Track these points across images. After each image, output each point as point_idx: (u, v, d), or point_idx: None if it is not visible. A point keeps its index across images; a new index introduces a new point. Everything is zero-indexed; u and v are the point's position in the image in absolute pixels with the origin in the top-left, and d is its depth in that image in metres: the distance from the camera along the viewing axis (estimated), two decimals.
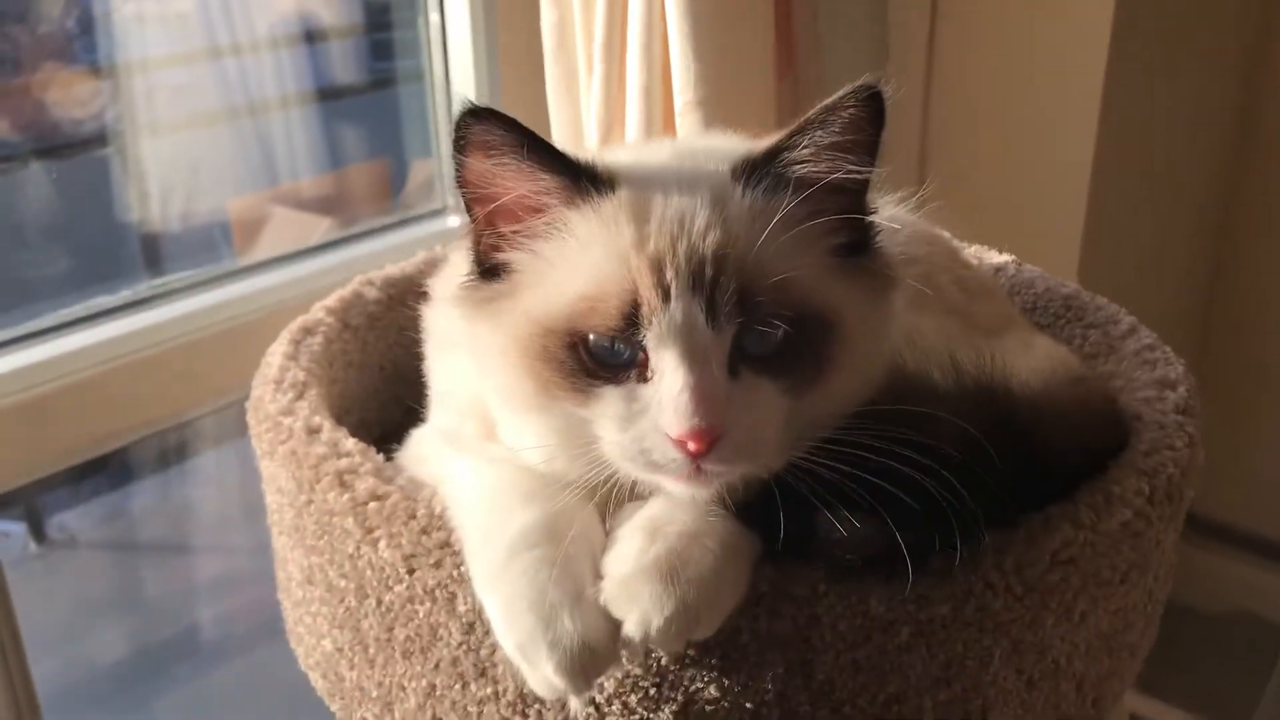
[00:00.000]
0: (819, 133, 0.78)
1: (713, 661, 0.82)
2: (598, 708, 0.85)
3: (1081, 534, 0.85)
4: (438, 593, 0.87)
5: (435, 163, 1.89)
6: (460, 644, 0.87)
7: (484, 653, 0.87)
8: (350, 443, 0.97)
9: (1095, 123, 1.76)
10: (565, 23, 1.58)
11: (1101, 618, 0.90)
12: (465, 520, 0.85)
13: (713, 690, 0.83)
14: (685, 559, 0.77)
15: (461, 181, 0.79)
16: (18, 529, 2.84)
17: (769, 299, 0.77)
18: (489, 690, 0.88)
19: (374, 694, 0.95)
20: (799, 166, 0.80)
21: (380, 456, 0.96)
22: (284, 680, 1.04)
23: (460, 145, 0.77)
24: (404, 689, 0.92)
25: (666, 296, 0.76)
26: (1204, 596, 2.33)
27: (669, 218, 0.78)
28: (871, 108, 0.77)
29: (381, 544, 0.88)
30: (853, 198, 0.82)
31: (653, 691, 0.83)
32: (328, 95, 2.22)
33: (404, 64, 1.96)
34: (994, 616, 0.83)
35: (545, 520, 0.81)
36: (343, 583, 0.93)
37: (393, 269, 1.29)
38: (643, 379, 0.78)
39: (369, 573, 0.90)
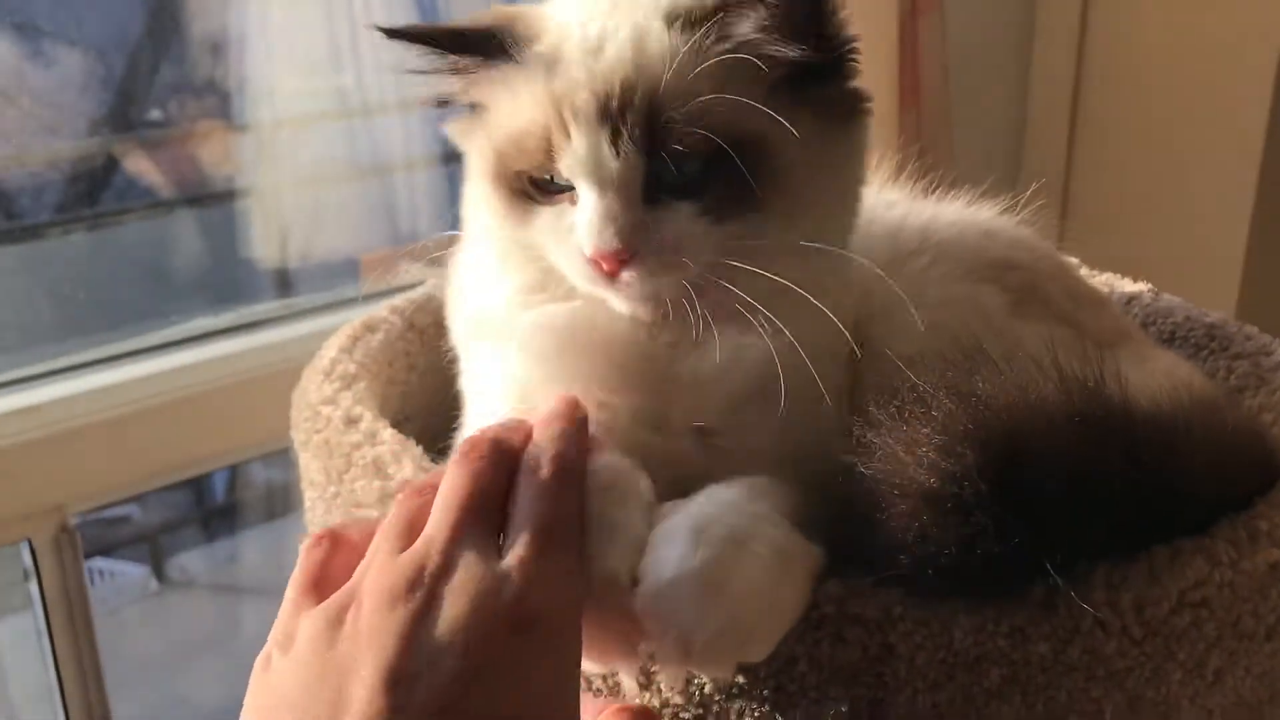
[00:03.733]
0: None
1: (764, 693, 0.70)
2: None
3: (1218, 572, 0.71)
4: None
5: None
6: None
7: None
8: (389, 433, 0.89)
9: (1261, 141, 1.61)
10: None
11: (1243, 680, 0.75)
12: None
13: None
14: (734, 568, 0.66)
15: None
16: (140, 569, 2.90)
17: (681, 128, 0.76)
18: None
19: None
20: (741, 35, 0.77)
21: (419, 450, 0.88)
22: None
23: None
24: None
25: (566, 132, 0.77)
26: None
27: (577, 58, 0.79)
28: None
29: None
30: (808, 31, 0.78)
31: None
32: (453, 159, 2.21)
33: None
34: (1105, 663, 0.70)
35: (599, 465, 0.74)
36: None
37: None
38: (573, 202, 0.79)
39: None
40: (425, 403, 1.14)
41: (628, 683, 0.72)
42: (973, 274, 0.92)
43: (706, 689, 0.71)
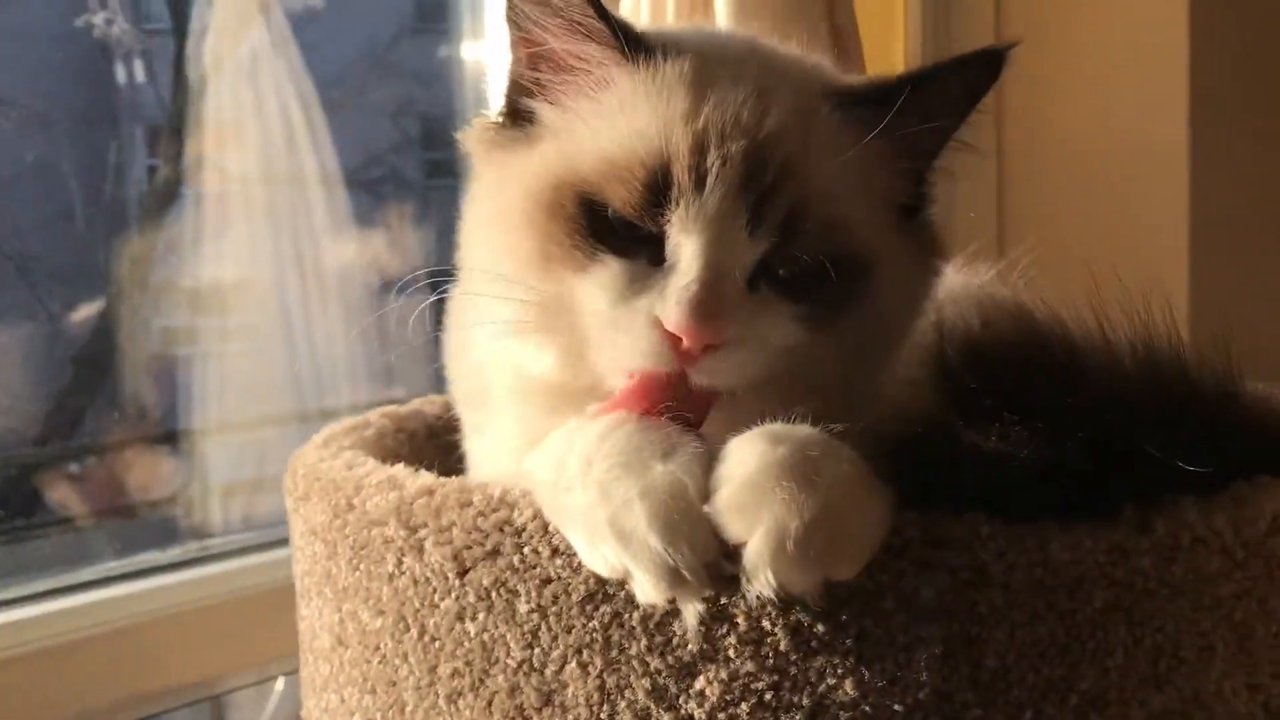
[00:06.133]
0: (929, 91, 0.71)
1: (847, 643, 0.63)
2: None
3: None
4: (494, 594, 0.70)
5: None
6: (520, 663, 0.69)
7: (550, 670, 0.68)
8: (399, 466, 0.82)
9: (1186, 182, 1.65)
10: None
11: None
12: (542, 460, 0.70)
13: (849, 687, 0.63)
14: (820, 462, 0.61)
15: (510, 17, 0.72)
16: None
17: (817, 231, 0.69)
18: None
19: None
20: (899, 117, 0.70)
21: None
22: None
23: None
24: None
25: (701, 183, 0.67)
26: None
27: (735, 100, 0.69)
28: (988, 76, 0.72)
29: (428, 545, 0.72)
30: (928, 159, 0.75)
31: (769, 696, 0.64)
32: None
33: None
34: (1211, 584, 0.64)
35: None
36: (378, 622, 0.76)
37: None
38: (655, 261, 0.68)
39: (411, 592, 0.73)
40: None
41: (690, 621, 0.63)
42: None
43: (781, 646, 0.63)
